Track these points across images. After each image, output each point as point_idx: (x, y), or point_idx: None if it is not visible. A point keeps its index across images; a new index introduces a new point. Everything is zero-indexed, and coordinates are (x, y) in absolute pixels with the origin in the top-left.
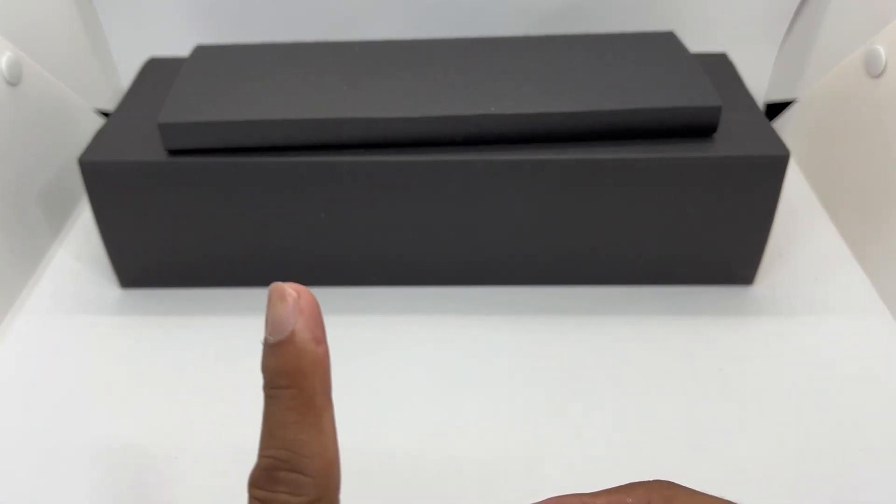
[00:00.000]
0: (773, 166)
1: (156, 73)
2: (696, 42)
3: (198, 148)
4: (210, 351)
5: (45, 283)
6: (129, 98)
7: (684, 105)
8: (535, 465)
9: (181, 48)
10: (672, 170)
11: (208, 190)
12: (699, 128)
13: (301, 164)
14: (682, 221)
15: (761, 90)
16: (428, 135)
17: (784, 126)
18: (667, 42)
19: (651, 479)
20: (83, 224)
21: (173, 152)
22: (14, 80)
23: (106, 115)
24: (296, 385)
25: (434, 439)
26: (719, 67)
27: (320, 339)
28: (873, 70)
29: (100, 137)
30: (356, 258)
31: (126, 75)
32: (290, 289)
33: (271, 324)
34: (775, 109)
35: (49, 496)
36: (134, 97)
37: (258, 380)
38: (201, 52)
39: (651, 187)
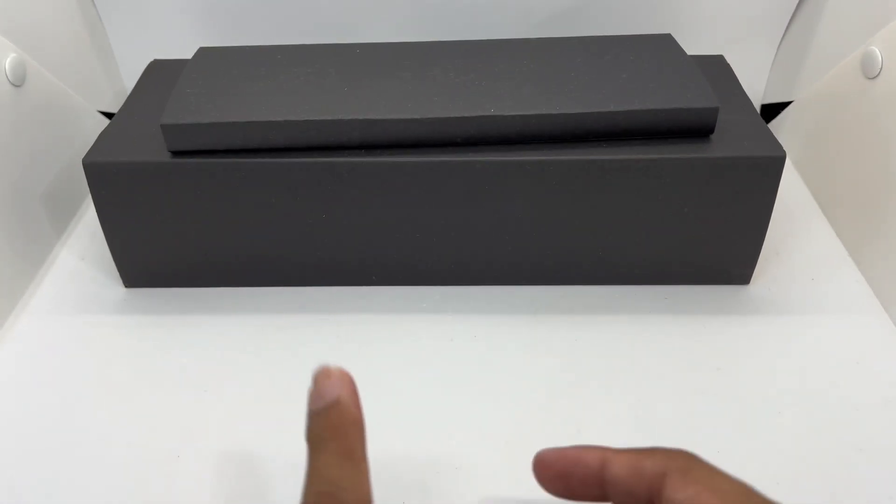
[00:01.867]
0: (769, 167)
1: (158, 74)
2: (694, 44)
3: (200, 149)
4: (213, 350)
5: (49, 283)
6: (133, 99)
7: (682, 106)
8: None
9: (184, 50)
10: (670, 170)
11: (211, 190)
12: (697, 129)
13: (302, 164)
14: (680, 221)
15: (758, 92)
16: (428, 136)
17: (781, 127)
18: (664, 44)
19: (675, 446)
20: (87, 224)
21: (176, 153)
22: (18, 82)
23: (109, 116)
24: (339, 438)
25: (433, 438)
26: (716, 69)
27: (358, 404)
28: (870, 72)
29: (103, 138)
30: (356, 258)
31: (129, 77)
32: (334, 368)
33: (318, 393)
34: (772, 111)
35: (52, 495)
36: (137, 99)
37: (260, 379)
38: (204, 53)
39: (649, 188)
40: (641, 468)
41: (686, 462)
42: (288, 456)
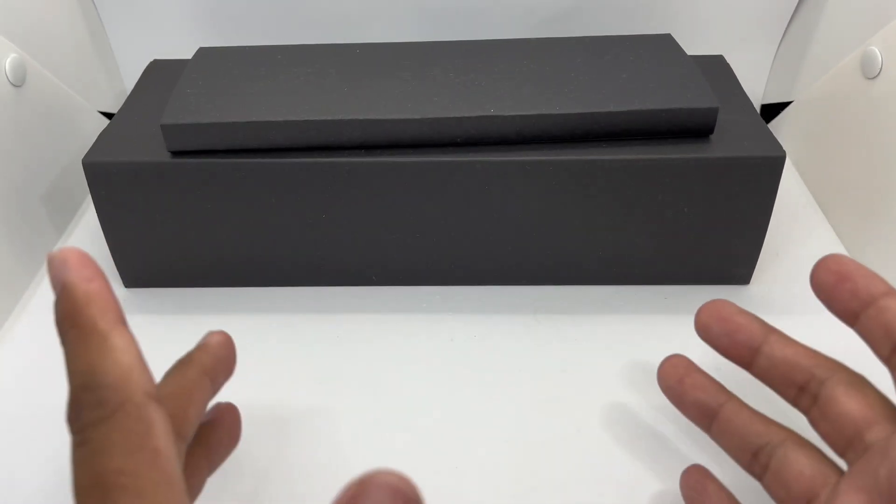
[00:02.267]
0: (769, 167)
1: (158, 74)
2: (694, 44)
3: (200, 149)
4: None
5: (49, 284)
6: (133, 99)
7: (682, 106)
8: (534, 462)
9: (184, 50)
10: (670, 170)
11: (210, 190)
12: (697, 129)
13: (302, 164)
14: (680, 222)
15: (758, 92)
16: (428, 136)
17: (781, 127)
18: (664, 44)
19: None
20: (87, 224)
21: (176, 153)
22: (18, 82)
23: (109, 116)
24: (75, 323)
25: (433, 438)
26: (716, 69)
27: (90, 276)
28: (869, 72)
29: (103, 138)
30: (356, 258)
31: (129, 77)
32: (56, 253)
33: (53, 288)
34: (772, 111)
35: (53, 496)
36: (137, 99)
37: (260, 379)
38: (204, 53)
39: (649, 188)
40: (798, 363)
41: (852, 377)
42: (287, 455)
